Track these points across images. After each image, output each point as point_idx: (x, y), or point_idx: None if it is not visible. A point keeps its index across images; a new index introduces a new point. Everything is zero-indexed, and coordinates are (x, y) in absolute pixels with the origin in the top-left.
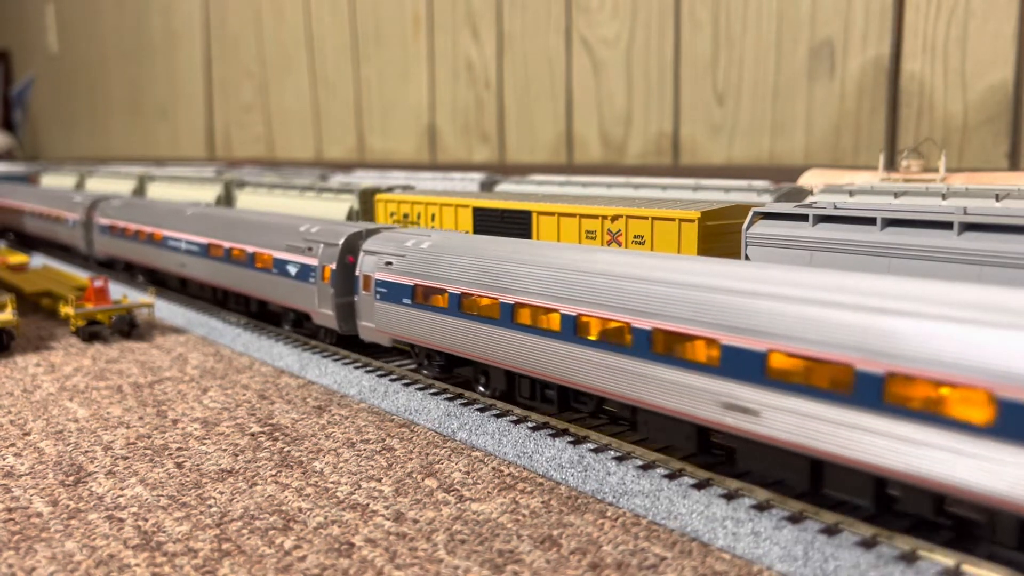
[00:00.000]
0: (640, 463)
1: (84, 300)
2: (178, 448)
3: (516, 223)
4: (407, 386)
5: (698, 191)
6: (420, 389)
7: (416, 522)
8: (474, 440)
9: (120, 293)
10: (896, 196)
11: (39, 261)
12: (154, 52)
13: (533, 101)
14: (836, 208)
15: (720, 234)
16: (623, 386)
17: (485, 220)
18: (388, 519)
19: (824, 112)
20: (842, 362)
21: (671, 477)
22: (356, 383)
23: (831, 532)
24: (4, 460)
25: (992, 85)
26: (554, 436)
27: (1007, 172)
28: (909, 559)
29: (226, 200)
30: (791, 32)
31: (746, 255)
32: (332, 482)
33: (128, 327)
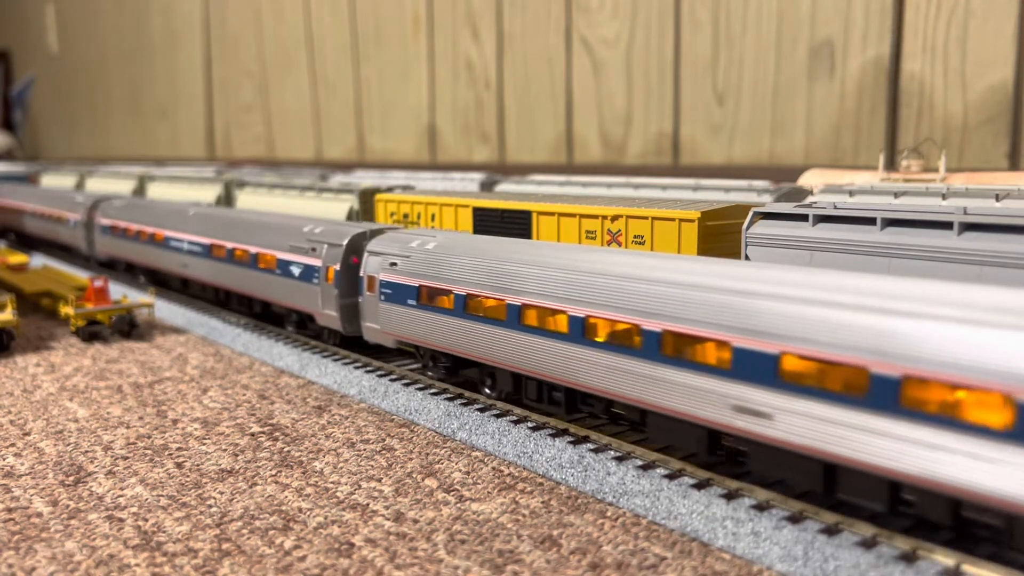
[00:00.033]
0: (640, 463)
1: (84, 300)
2: (178, 448)
3: (516, 223)
4: (407, 386)
5: (698, 191)
6: (420, 389)
7: (416, 522)
8: (474, 440)
9: (120, 293)
10: (896, 196)
11: (39, 261)
12: (154, 52)
13: (533, 101)
14: (836, 208)
15: (720, 234)
16: (632, 388)
17: (485, 220)
18: (388, 519)
19: (824, 112)
20: (857, 365)
21: (671, 477)
22: (356, 383)
23: (831, 532)
24: (4, 460)
25: (992, 85)
26: (554, 436)
27: (1007, 172)
28: (909, 559)
29: (226, 200)
30: (791, 32)
31: (746, 255)
32: (332, 482)
33: (128, 327)
